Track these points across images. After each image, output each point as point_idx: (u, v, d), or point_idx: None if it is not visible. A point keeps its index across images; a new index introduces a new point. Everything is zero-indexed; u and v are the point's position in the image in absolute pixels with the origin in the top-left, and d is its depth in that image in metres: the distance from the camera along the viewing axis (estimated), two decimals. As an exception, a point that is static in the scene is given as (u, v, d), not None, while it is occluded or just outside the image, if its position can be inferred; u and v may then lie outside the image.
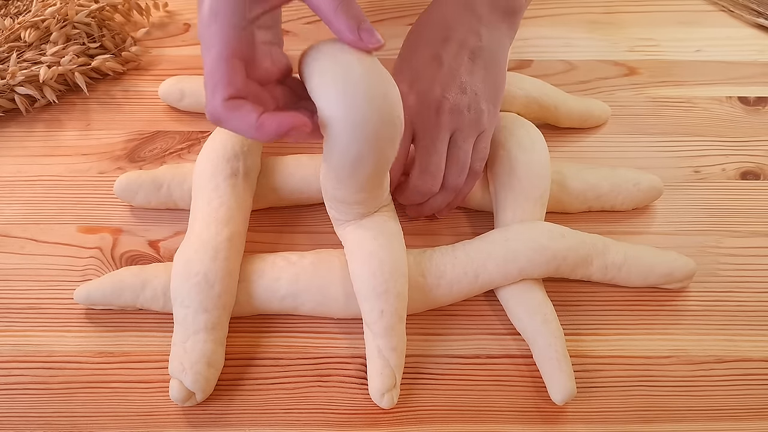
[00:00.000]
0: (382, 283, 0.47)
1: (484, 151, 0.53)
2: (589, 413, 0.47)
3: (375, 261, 0.47)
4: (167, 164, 0.58)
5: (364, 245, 0.48)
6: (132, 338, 0.50)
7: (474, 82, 0.52)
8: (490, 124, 0.53)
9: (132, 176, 0.55)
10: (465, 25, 0.53)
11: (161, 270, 0.50)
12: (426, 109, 0.51)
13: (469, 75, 0.52)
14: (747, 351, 0.50)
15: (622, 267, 0.51)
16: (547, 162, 0.54)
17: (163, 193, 0.55)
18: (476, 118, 0.52)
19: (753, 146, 0.63)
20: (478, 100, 0.52)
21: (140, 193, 0.55)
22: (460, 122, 0.51)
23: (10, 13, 0.68)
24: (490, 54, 0.53)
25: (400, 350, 0.47)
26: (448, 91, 0.51)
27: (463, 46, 0.52)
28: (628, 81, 0.68)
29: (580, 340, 0.50)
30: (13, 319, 0.50)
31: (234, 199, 0.51)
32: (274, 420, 0.46)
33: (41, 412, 0.46)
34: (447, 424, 0.47)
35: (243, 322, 0.50)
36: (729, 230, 0.57)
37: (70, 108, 0.64)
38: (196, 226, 0.50)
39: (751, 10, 0.74)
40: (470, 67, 0.52)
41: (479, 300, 0.52)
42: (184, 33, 0.71)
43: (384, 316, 0.46)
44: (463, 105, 0.51)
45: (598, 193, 0.56)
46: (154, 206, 0.56)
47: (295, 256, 0.51)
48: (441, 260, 0.50)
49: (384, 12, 0.73)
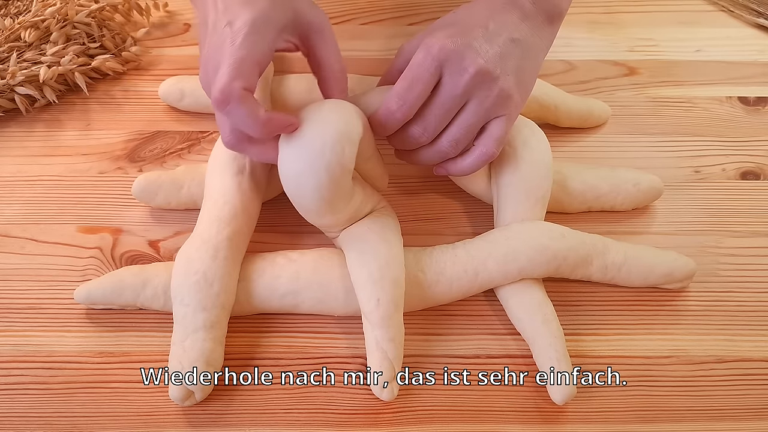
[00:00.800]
0: (377, 270, 0.47)
1: (501, 134, 0.50)
2: (589, 413, 0.47)
3: (370, 249, 0.48)
4: (184, 165, 0.58)
5: (359, 237, 0.49)
6: (132, 338, 0.50)
7: (509, 64, 0.50)
8: (515, 111, 0.51)
9: (151, 177, 0.55)
10: (510, 16, 0.51)
11: (161, 269, 0.50)
12: (456, 61, 0.48)
13: (506, 56, 0.50)
14: (747, 351, 0.50)
15: (622, 267, 0.51)
16: (550, 163, 0.54)
17: (184, 193, 0.55)
18: (501, 96, 0.49)
19: (753, 146, 0.63)
20: (508, 81, 0.50)
21: (160, 194, 0.55)
22: (482, 91, 0.49)
23: (10, 13, 0.68)
24: (529, 49, 0.52)
25: (398, 341, 0.47)
26: (483, 55, 0.49)
27: (506, 30, 0.51)
28: (628, 81, 0.68)
29: (580, 340, 0.50)
30: (13, 319, 0.50)
31: (239, 198, 0.51)
32: (274, 420, 0.46)
33: (41, 412, 0.46)
34: (447, 424, 0.47)
35: (243, 321, 0.50)
36: (729, 230, 0.57)
37: (70, 108, 0.64)
38: (201, 225, 0.50)
39: (751, 10, 0.74)
40: (509, 50, 0.50)
41: (479, 300, 0.52)
42: (184, 33, 0.71)
43: (381, 305, 0.46)
44: (492, 75, 0.49)
45: (598, 193, 0.56)
46: (174, 207, 0.56)
47: (296, 254, 0.51)
48: (441, 257, 0.50)
49: (384, 12, 0.73)
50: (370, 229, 0.49)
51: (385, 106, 0.49)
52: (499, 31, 0.50)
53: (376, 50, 0.69)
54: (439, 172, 0.54)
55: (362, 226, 0.50)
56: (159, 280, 0.49)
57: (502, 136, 0.51)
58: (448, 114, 0.49)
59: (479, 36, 0.49)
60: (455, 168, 0.52)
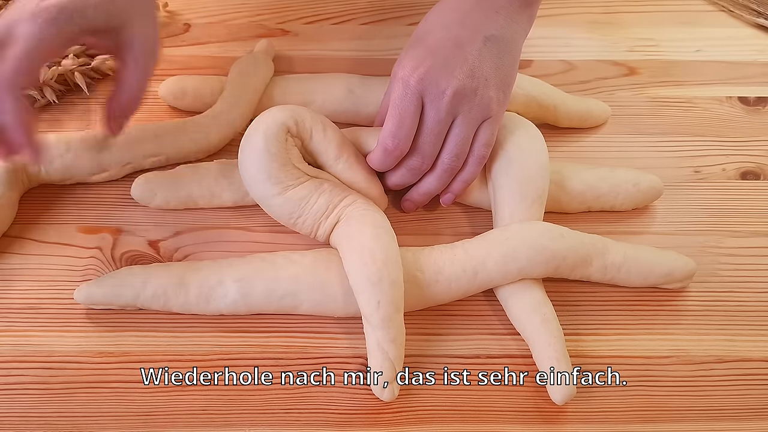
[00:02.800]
0: (376, 272, 0.47)
1: (489, 137, 0.53)
2: (589, 413, 0.47)
3: (365, 251, 0.48)
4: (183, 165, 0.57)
5: (352, 238, 0.49)
6: (132, 338, 0.50)
7: (485, 69, 0.51)
8: (499, 111, 0.53)
9: (150, 177, 0.55)
10: (482, 12, 0.52)
11: (161, 270, 0.50)
12: (433, 87, 0.50)
13: (481, 61, 0.51)
14: (747, 351, 0.50)
15: (621, 267, 0.51)
16: (546, 163, 0.54)
17: (183, 193, 0.55)
18: (483, 104, 0.51)
19: (753, 146, 0.63)
20: (488, 86, 0.51)
21: (159, 194, 0.55)
22: (464, 106, 0.51)
23: (10, 13, 0.68)
24: (505, 43, 0.53)
25: (399, 342, 0.47)
26: (457, 74, 0.50)
27: (478, 31, 0.52)
28: (628, 81, 0.68)
29: (580, 340, 0.51)
30: (13, 319, 0.50)
31: None
32: (274, 420, 0.46)
33: (41, 412, 0.46)
34: (447, 424, 0.47)
35: (243, 321, 0.50)
36: (729, 230, 0.57)
37: (70, 108, 0.64)
38: None
39: (751, 10, 0.74)
40: (483, 54, 0.52)
41: (479, 300, 0.52)
42: (184, 33, 0.71)
43: (381, 307, 0.46)
44: (470, 89, 0.51)
45: (598, 193, 0.56)
46: (173, 207, 0.56)
47: (296, 255, 0.51)
48: (439, 257, 0.50)
49: (384, 12, 0.73)
50: (361, 230, 0.49)
51: (382, 147, 0.51)
52: (471, 35, 0.52)
53: (376, 50, 0.69)
54: (447, 199, 0.55)
55: (353, 226, 0.50)
56: (159, 280, 0.49)
57: (490, 137, 0.53)
58: (439, 137, 0.51)
59: (450, 51, 0.51)
60: (458, 185, 0.54)
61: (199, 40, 0.70)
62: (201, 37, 0.70)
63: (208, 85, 0.62)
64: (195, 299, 0.49)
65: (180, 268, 0.50)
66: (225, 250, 0.54)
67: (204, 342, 0.50)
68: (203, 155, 0.59)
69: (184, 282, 0.49)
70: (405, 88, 0.50)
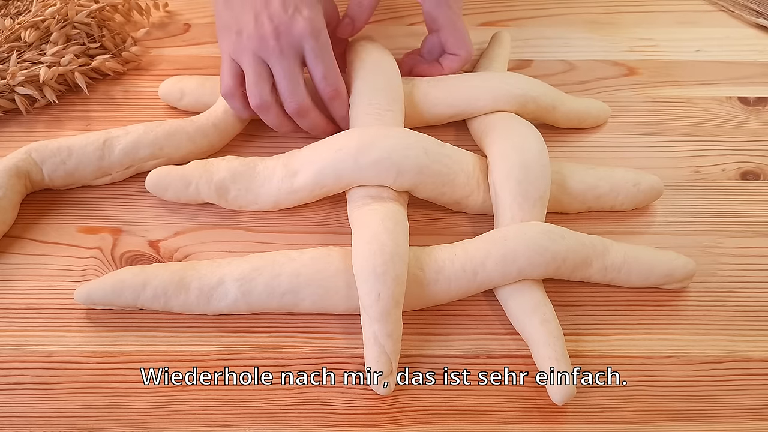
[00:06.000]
0: (382, 264, 0.47)
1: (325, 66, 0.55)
2: (589, 413, 0.47)
3: (378, 242, 0.48)
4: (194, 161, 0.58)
5: (370, 225, 0.49)
6: (132, 338, 0.50)
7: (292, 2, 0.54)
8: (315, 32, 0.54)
9: (162, 172, 0.56)
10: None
11: (162, 270, 0.50)
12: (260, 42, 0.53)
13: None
14: (747, 351, 0.50)
15: (621, 268, 0.51)
16: (547, 163, 0.54)
17: (191, 190, 0.55)
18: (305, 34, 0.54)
19: (753, 146, 0.63)
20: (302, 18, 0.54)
21: (170, 189, 0.55)
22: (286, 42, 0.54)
23: (10, 13, 0.68)
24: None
25: (396, 337, 0.47)
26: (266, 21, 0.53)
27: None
28: (628, 81, 0.68)
29: (580, 340, 0.51)
30: (13, 319, 0.50)
31: None
32: (274, 420, 0.46)
33: (41, 412, 0.46)
34: (447, 424, 0.47)
35: (243, 321, 0.50)
36: (729, 230, 0.57)
37: (70, 108, 0.64)
38: None
39: (751, 10, 0.74)
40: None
41: (479, 300, 0.52)
42: (184, 33, 0.71)
43: (381, 300, 0.47)
44: (284, 25, 0.54)
45: (598, 193, 0.56)
46: (184, 202, 0.56)
47: (296, 253, 0.51)
48: (440, 256, 0.50)
49: (384, 12, 0.73)
50: (382, 222, 0.50)
51: None
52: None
53: (376, 50, 0.69)
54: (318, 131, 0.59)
55: (375, 215, 0.50)
56: (159, 281, 0.49)
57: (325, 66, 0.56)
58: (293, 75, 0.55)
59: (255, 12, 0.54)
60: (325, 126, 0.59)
61: (199, 40, 0.70)
62: (201, 37, 0.70)
63: (208, 85, 0.62)
64: (195, 299, 0.49)
65: (180, 268, 0.50)
66: (225, 250, 0.54)
67: (204, 342, 0.50)
68: (203, 155, 0.59)
69: (185, 282, 0.49)
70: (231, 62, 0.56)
